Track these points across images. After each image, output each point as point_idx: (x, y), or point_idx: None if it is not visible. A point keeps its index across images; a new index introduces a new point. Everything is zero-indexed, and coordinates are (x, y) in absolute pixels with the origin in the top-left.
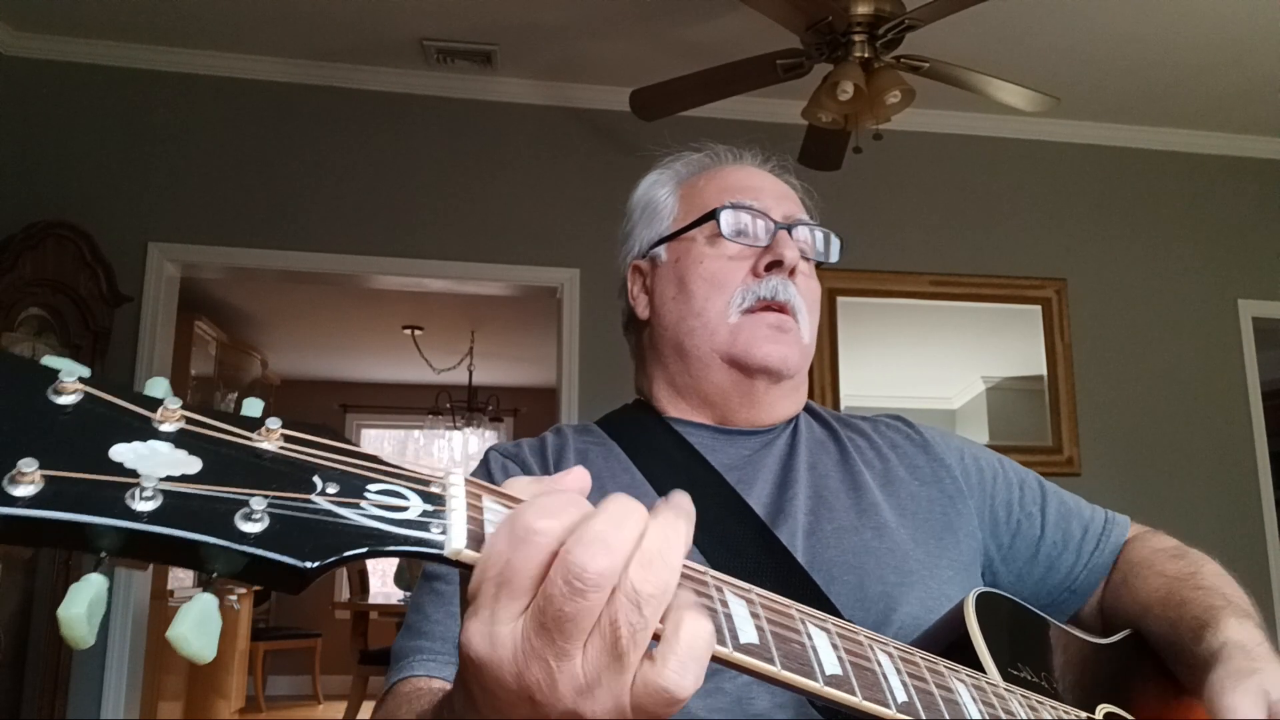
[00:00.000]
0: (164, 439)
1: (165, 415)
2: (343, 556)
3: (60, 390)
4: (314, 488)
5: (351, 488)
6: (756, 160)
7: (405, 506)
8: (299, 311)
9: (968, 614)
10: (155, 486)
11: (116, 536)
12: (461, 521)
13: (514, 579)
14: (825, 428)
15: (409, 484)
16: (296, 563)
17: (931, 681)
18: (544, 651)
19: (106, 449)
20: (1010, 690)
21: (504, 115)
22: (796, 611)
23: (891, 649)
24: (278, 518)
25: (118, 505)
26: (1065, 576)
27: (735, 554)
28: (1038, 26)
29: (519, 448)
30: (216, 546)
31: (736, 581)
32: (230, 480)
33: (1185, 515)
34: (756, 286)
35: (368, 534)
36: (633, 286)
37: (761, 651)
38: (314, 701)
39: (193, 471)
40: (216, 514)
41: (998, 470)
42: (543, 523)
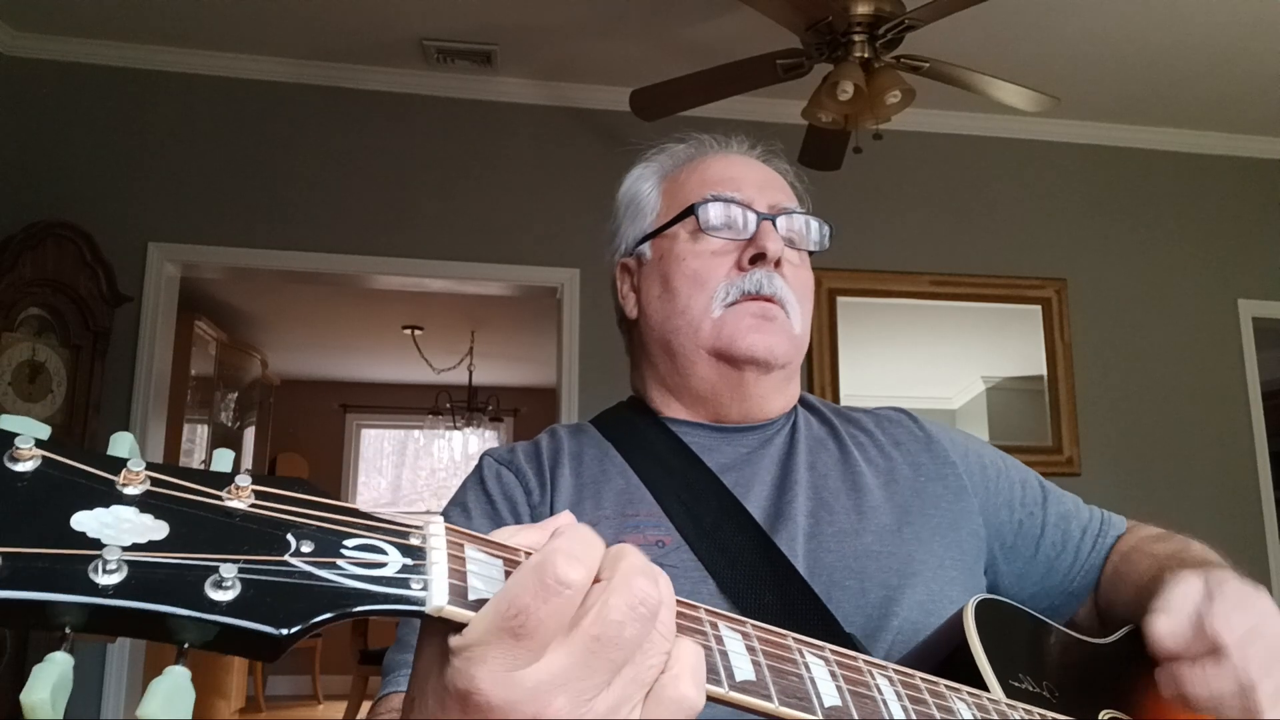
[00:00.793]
0: (128, 503)
1: (129, 478)
2: (319, 620)
3: (16, 457)
4: (287, 547)
5: (327, 545)
6: (742, 147)
7: (384, 562)
8: (299, 311)
9: (967, 624)
10: (119, 558)
11: (81, 612)
12: (443, 576)
13: (539, 630)
14: (824, 424)
15: (387, 537)
16: (271, 630)
17: (933, 704)
18: (579, 682)
19: (67, 518)
20: (1012, 706)
21: (504, 115)
22: (793, 641)
23: (891, 673)
24: (250, 583)
25: (80, 580)
26: (1063, 578)
27: (733, 561)
28: (1038, 26)
29: (513, 453)
30: (186, 618)
31: (729, 615)
32: (198, 545)
33: (1185, 515)
34: (740, 281)
35: (345, 594)
36: (621, 285)
37: (758, 689)
38: (314, 701)
39: (160, 537)
40: (185, 583)
41: (1001, 467)
42: (575, 573)
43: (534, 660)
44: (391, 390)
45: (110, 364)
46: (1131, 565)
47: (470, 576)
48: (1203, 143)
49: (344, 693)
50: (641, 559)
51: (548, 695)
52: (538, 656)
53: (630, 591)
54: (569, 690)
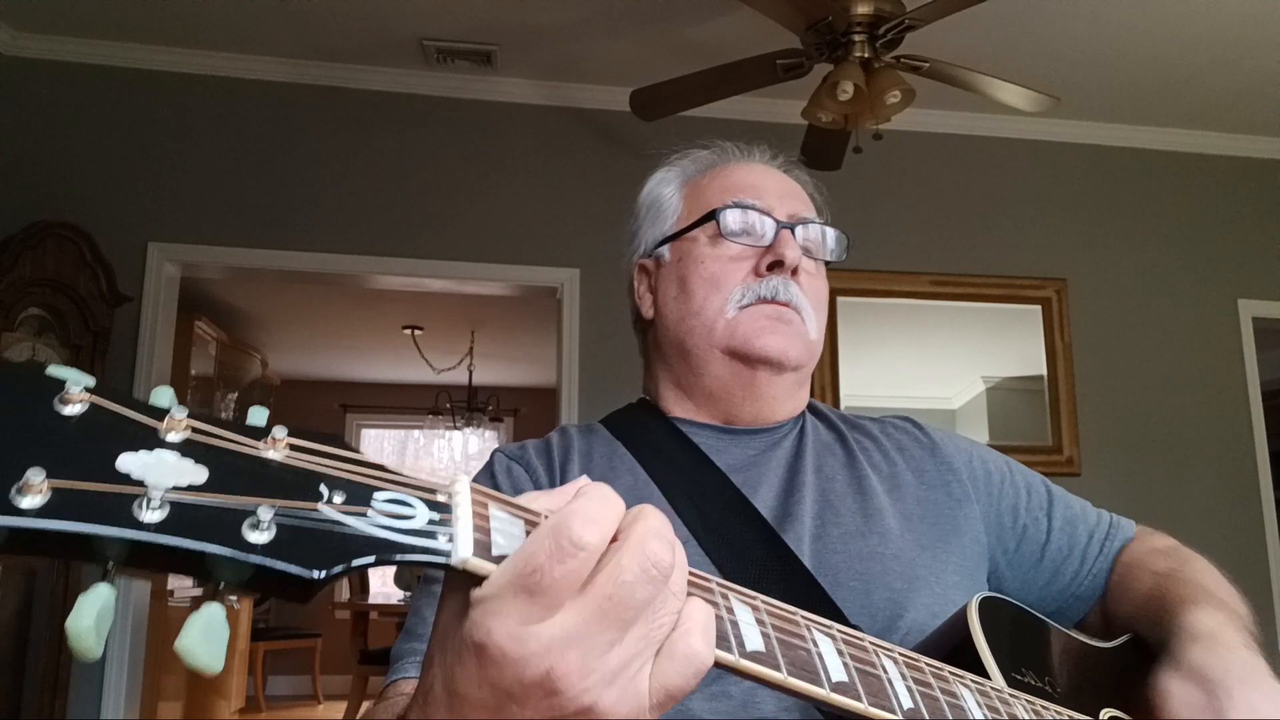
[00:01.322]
0: (170, 448)
1: (171, 425)
2: (350, 565)
3: (66, 400)
4: (321, 496)
5: (358, 496)
6: (765, 157)
7: (412, 515)
8: (299, 311)
9: (971, 619)
10: (162, 496)
11: (124, 547)
12: (468, 531)
13: (553, 589)
14: (831, 430)
15: (415, 492)
16: (304, 572)
17: (936, 687)
18: (590, 639)
19: (113, 459)
20: (1015, 695)
21: (504, 115)
22: (802, 618)
23: (896, 655)
24: (285, 527)
25: (125, 515)
26: (1070, 582)
27: (740, 557)
28: (1038, 26)
29: (524, 450)
30: (224, 557)
31: (741, 589)
32: (237, 490)
33: (1185, 515)
34: (757, 286)
35: (375, 543)
36: (639, 285)
37: (768, 658)
38: (314, 701)
39: (200, 481)
40: (224, 524)
41: (1005, 474)
42: (590, 535)
43: (547, 617)
44: (391, 390)
45: (110, 364)
46: (1133, 578)
47: (494, 533)
48: (1203, 143)
49: (344, 693)
50: (659, 521)
51: (560, 651)
52: (551, 613)
53: (643, 553)
54: (580, 646)
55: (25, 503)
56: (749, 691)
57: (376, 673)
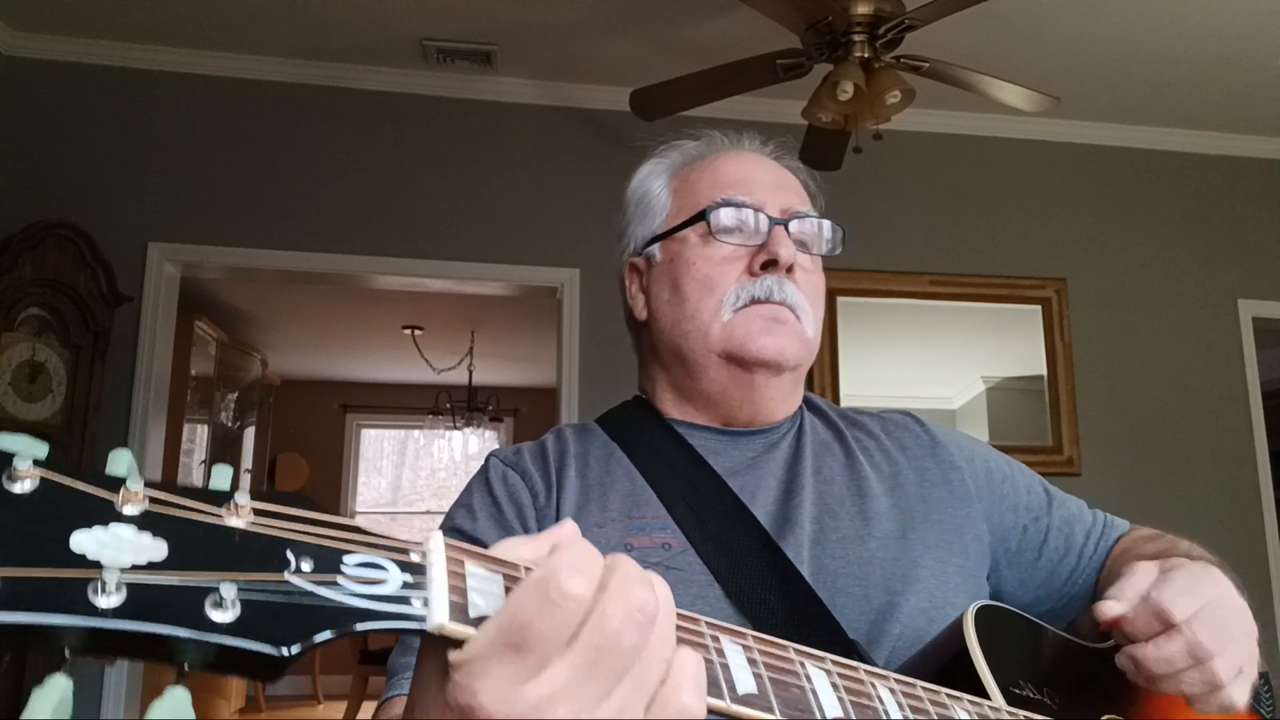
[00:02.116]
0: (128, 522)
1: (128, 497)
2: (318, 639)
3: (15, 477)
4: (287, 565)
5: (327, 562)
6: (754, 145)
7: (384, 579)
8: (299, 311)
9: (967, 631)
10: (118, 579)
11: (80, 635)
12: (443, 594)
13: (542, 644)
14: (830, 428)
15: (387, 554)
16: (272, 650)
17: (934, 713)
18: (580, 693)
19: (66, 539)
20: (1013, 713)
21: (504, 115)
22: (794, 651)
23: (892, 682)
24: (250, 603)
25: (80, 602)
26: (1065, 582)
27: (738, 566)
28: (1038, 26)
29: (519, 455)
30: (187, 640)
31: (730, 627)
32: (199, 563)
33: (1185, 515)
34: (751, 286)
35: (345, 612)
36: (630, 285)
37: (761, 701)
38: (314, 701)
39: (159, 557)
40: (185, 604)
41: (1006, 473)
42: (579, 587)
43: (536, 674)
44: (391, 390)
45: (110, 364)
46: (1121, 565)
47: (470, 593)
48: (1203, 143)
49: (344, 693)
50: (636, 567)
51: (549, 708)
52: (540, 670)
53: (627, 599)
54: (570, 702)
55: None
56: None
57: (376, 673)
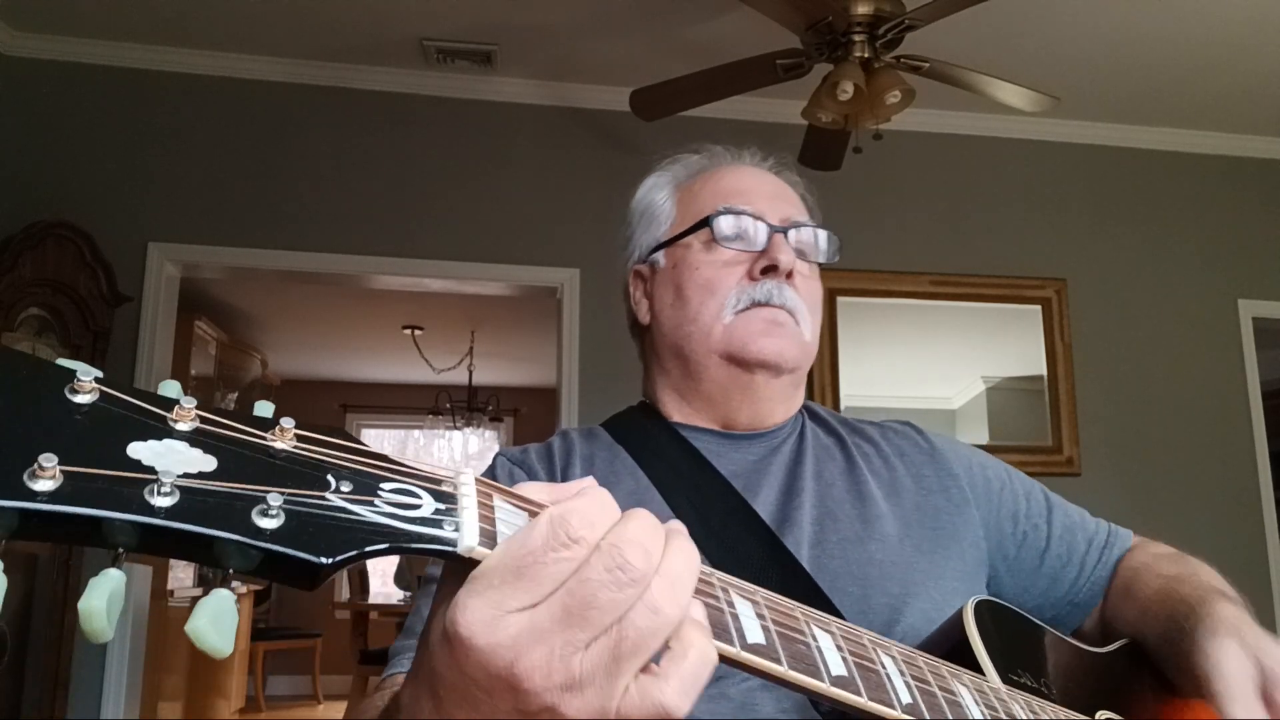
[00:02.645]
0: (180, 438)
1: (180, 415)
2: (360, 552)
3: (77, 389)
4: (328, 485)
5: (365, 486)
6: (755, 159)
7: (418, 505)
8: (299, 311)
9: (967, 620)
10: (173, 483)
11: (135, 532)
12: (474, 520)
13: (541, 576)
14: (831, 434)
15: (421, 483)
16: (313, 558)
17: (935, 684)
18: (553, 638)
19: (124, 447)
20: (1012, 694)
21: (504, 115)
22: (801, 613)
23: (895, 651)
24: (293, 514)
25: (136, 501)
26: (1068, 590)
27: (741, 562)
28: (1038, 26)
29: (526, 454)
30: (234, 542)
31: (741, 583)
32: (245, 478)
33: (1185, 516)
34: (751, 290)
35: (382, 531)
36: (634, 291)
37: (768, 651)
38: (314, 701)
39: (209, 469)
40: (234, 510)
41: (1005, 481)
42: (586, 531)
43: (522, 606)
44: (391, 390)
45: (110, 364)
46: (1140, 582)
47: (499, 524)
48: (1203, 143)
49: (344, 693)
50: (646, 529)
51: (525, 646)
52: (530, 602)
53: (611, 556)
54: (544, 644)
55: (39, 486)
56: (747, 694)
57: (377, 673)
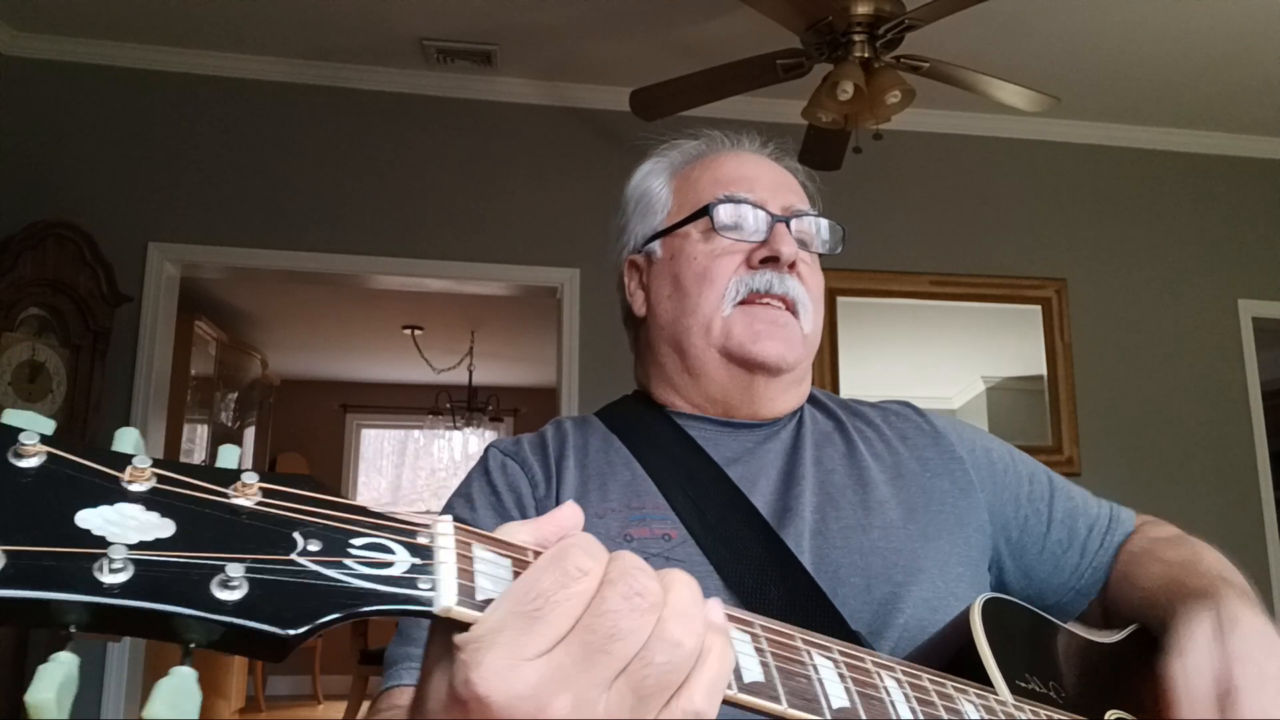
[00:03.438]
0: (135, 500)
1: (134, 475)
2: (326, 621)
3: (21, 453)
4: (294, 546)
5: (334, 544)
6: (754, 145)
7: (391, 562)
8: (299, 311)
9: (974, 624)
10: (125, 556)
11: (85, 611)
12: (451, 576)
13: (556, 616)
14: (831, 418)
15: (395, 537)
16: (278, 631)
17: (940, 705)
18: (577, 680)
19: (72, 515)
20: (1019, 707)
21: (504, 115)
22: (801, 641)
23: (899, 673)
24: (257, 583)
25: (85, 580)
26: (1070, 575)
27: (738, 556)
28: (1038, 26)
29: (519, 445)
30: (193, 618)
31: (739, 613)
32: (206, 543)
33: (1185, 515)
34: (750, 279)
35: (352, 594)
36: (629, 282)
37: (767, 690)
38: (314, 701)
39: (165, 535)
40: (192, 583)
41: (1008, 463)
42: (591, 564)
43: (541, 651)
44: (391, 390)
45: (110, 364)
46: (1141, 569)
47: (478, 576)
48: (1203, 143)
49: (344, 693)
50: (639, 560)
51: (549, 693)
52: (545, 648)
53: (626, 583)
54: (570, 689)
55: None
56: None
57: (376, 673)
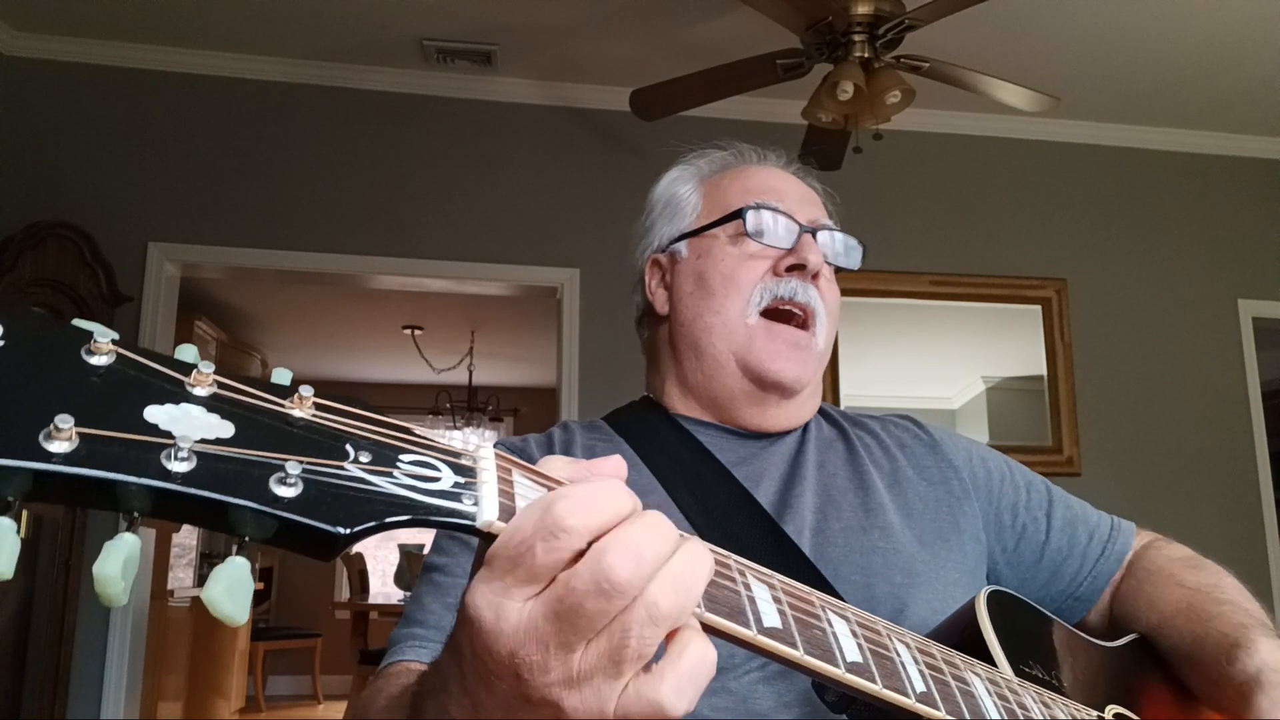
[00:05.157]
0: (197, 403)
1: (198, 379)
2: (380, 523)
3: (94, 350)
4: (347, 455)
5: (384, 457)
6: (780, 161)
7: (438, 477)
8: (299, 311)
9: (980, 611)
10: (190, 448)
11: (150, 496)
12: (493, 494)
13: (532, 566)
14: (834, 426)
15: (441, 456)
16: (330, 528)
17: (948, 673)
18: (547, 638)
19: (141, 410)
20: (1024, 685)
21: (504, 115)
22: (817, 599)
23: (909, 640)
24: (312, 483)
25: (153, 465)
26: (1069, 583)
27: (744, 552)
28: (1038, 26)
29: (526, 444)
30: (251, 510)
31: (759, 568)
32: (263, 445)
33: (1185, 515)
34: (775, 285)
35: (401, 503)
36: (650, 280)
37: (785, 636)
38: (314, 701)
39: (226, 435)
40: (251, 478)
41: (1005, 473)
42: (574, 519)
43: (521, 595)
44: (391, 390)
45: None
46: (1158, 589)
47: (518, 499)
48: (1203, 143)
49: (344, 693)
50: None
51: (523, 638)
52: (525, 591)
53: (599, 565)
54: (540, 641)
55: (54, 448)
56: (749, 687)
57: None
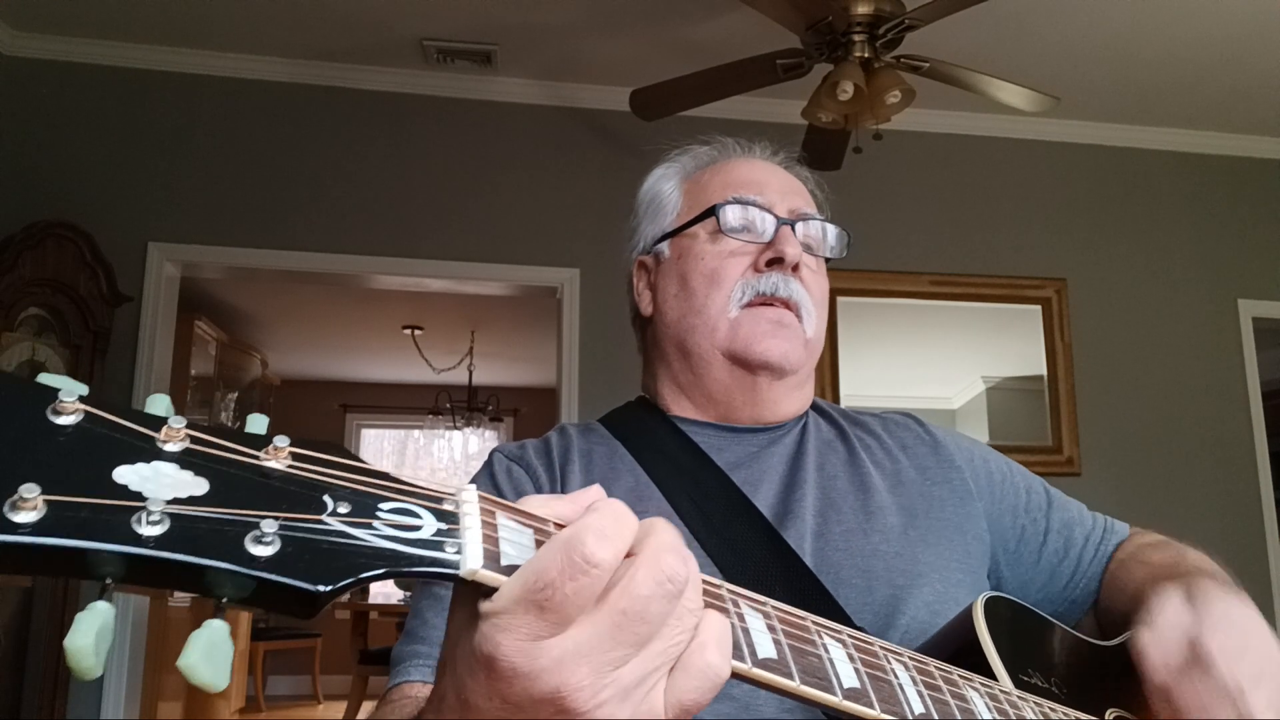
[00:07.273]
0: (169, 459)
1: (169, 435)
2: (357, 579)
3: (59, 410)
4: (325, 508)
5: (363, 507)
6: (765, 153)
7: (419, 525)
8: (299, 311)
9: (977, 619)
10: (162, 510)
11: (122, 563)
12: (477, 541)
13: (564, 605)
14: (834, 426)
15: (421, 502)
16: (309, 586)
17: (947, 691)
18: (598, 655)
19: (110, 471)
20: (1023, 698)
21: (504, 115)
22: (813, 624)
23: (906, 659)
24: (289, 540)
25: (123, 530)
26: (1065, 585)
27: (742, 557)
28: (1038, 26)
29: (523, 449)
30: (226, 571)
31: (751, 594)
32: (238, 502)
33: (1185, 515)
34: (756, 281)
35: (381, 555)
36: (637, 283)
37: (780, 666)
38: (314, 701)
39: (200, 493)
40: (226, 537)
41: (1006, 474)
42: (603, 552)
43: (558, 632)
44: (391, 390)
45: (110, 364)
46: (1127, 573)
47: (503, 543)
48: (1203, 143)
49: (344, 693)
50: (671, 536)
51: (571, 666)
52: (563, 629)
53: (658, 568)
54: (591, 661)
55: (19, 518)
56: (750, 693)
57: (376, 673)
